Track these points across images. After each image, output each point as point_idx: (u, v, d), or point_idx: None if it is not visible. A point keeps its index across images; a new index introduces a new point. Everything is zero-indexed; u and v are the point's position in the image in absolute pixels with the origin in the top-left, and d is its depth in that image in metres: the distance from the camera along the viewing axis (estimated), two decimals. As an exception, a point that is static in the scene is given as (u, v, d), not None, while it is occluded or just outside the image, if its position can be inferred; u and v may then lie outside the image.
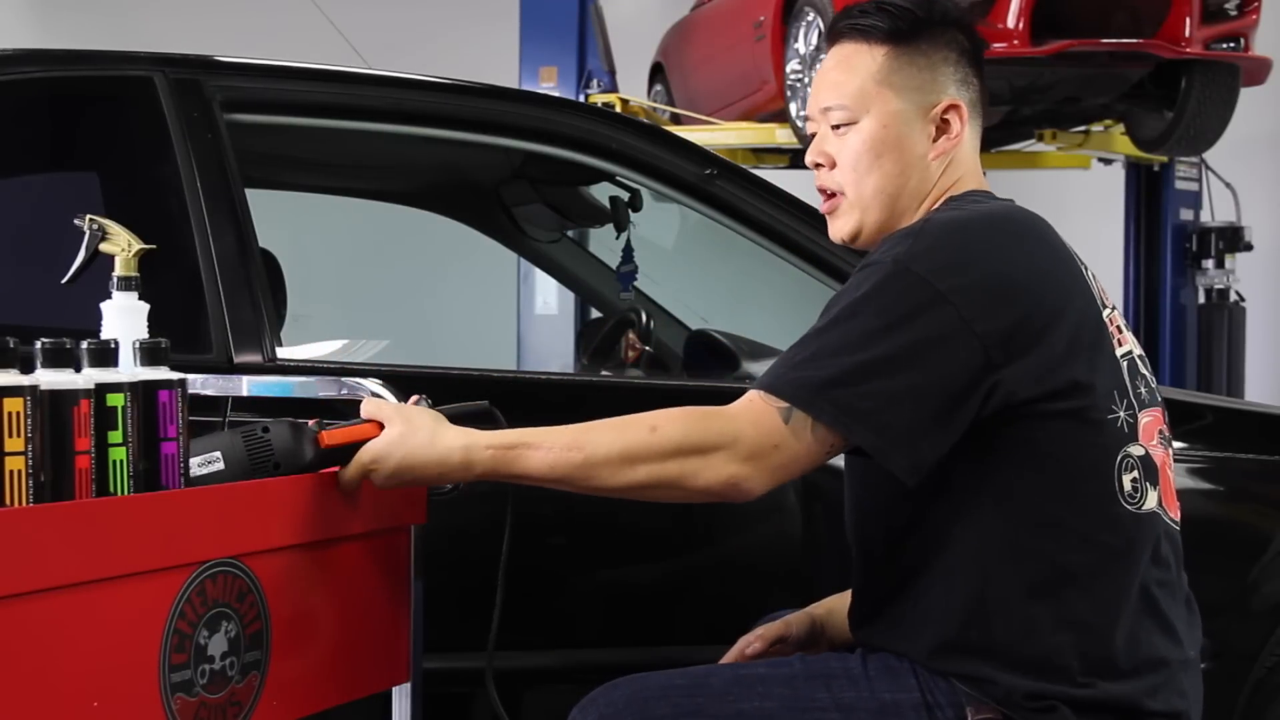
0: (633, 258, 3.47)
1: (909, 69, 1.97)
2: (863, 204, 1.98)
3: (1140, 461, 1.86)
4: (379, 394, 2.03)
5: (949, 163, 1.98)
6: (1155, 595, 1.85)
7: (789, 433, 1.78)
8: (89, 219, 1.93)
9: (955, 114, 1.97)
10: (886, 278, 1.81)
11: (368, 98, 2.71)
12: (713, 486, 1.79)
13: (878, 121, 1.97)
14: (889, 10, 2.00)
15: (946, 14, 2.01)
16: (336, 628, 1.88)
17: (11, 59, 2.50)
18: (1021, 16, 5.76)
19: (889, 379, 1.77)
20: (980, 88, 2.02)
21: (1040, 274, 1.84)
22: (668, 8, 8.86)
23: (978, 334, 1.78)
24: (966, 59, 2.00)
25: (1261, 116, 7.89)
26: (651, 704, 1.85)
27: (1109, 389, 1.84)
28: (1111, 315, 1.91)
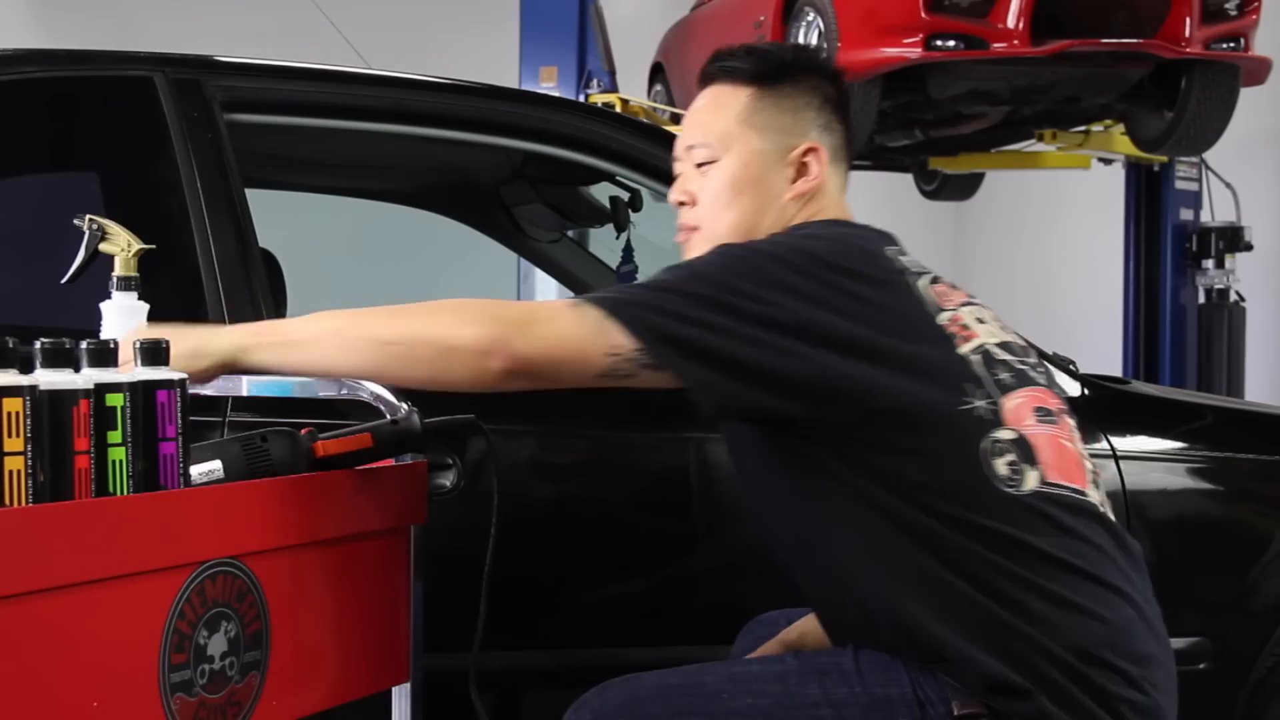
0: (633, 258, 3.47)
1: (772, 111, 2.06)
2: (716, 238, 2.04)
3: (1013, 444, 1.87)
4: (380, 394, 2.03)
5: (807, 202, 2.05)
6: (1072, 563, 1.84)
7: (571, 313, 1.82)
8: (89, 219, 1.93)
9: (815, 157, 2.05)
10: (712, 253, 1.90)
11: (368, 98, 2.72)
12: (475, 339, 1.79)
13: (739, 160, 2.06)
14: (756, 54, 2.10)
15: (812, 61, 2.11)
16: (336, 628, 1.89)
17: (11, 59, 2.50)
18: (1021, 16, 5.76)
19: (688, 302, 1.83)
20: (844, 134, 2.10)
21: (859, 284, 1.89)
22: (668, 8, 8.87)
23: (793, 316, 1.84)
24: (830, 106, 2.08)
25: (1261, 116, 7.89)
26: (645, 704, 1.86)
27: (956, 384, 1.87)
28: (955, 315, 1.93)
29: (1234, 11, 6.01)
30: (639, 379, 1.85)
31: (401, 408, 1.98)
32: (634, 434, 2.56)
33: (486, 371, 1.79)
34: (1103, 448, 2.68)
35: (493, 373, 1.79)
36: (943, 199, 8.51)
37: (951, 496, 1.84)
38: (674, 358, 1.83)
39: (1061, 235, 10.39)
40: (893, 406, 1.84)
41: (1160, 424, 2.82)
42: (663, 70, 8.38)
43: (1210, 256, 7.80)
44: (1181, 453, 2.80)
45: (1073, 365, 2.84)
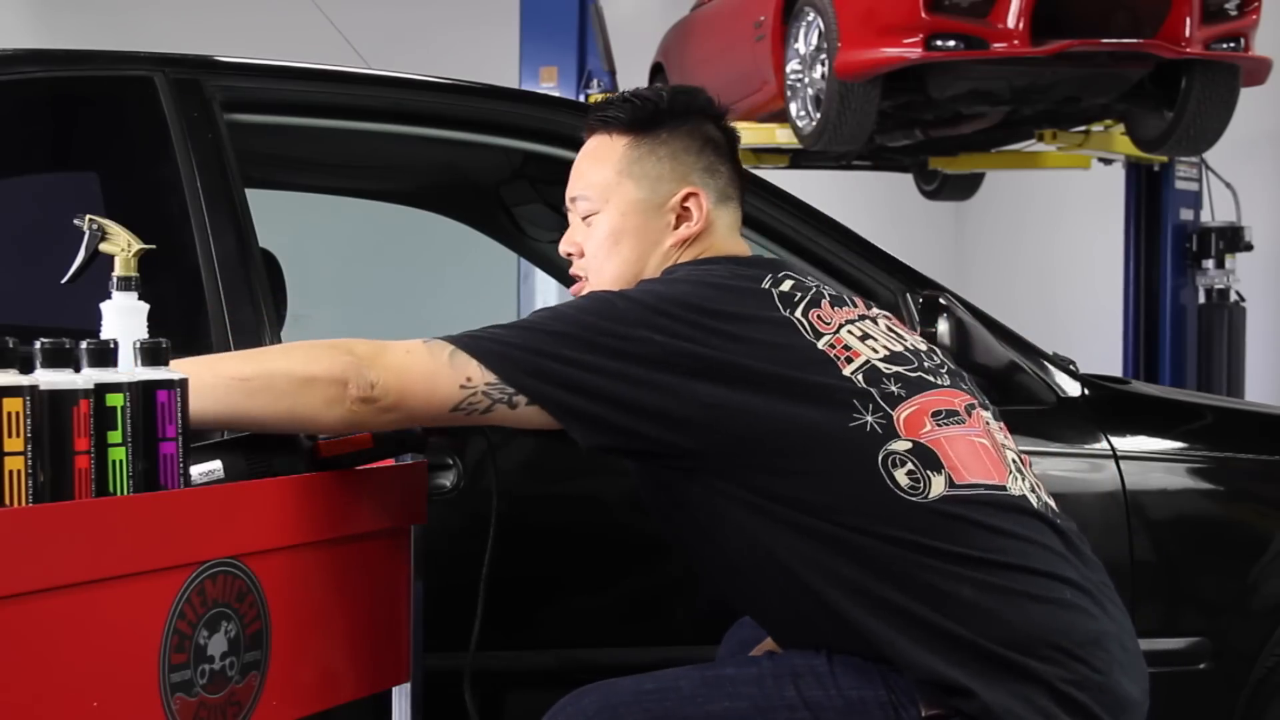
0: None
1: (649, 159, 2.07)
2: (602, 287, 2.06)
3: (911, 454, 1.86)
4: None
5: (689, 246, 2.06)
6: (994, 559, 1.84)
7: (424, 346, 1.84)
8: (89, 219, 1.93)
9: (695, 202, 2.05)
10: (579, 298, 1.93)
11: (368, 98, 2.72)
12: (330, 368, 1.78)
13: (617, 211, 2.08)
14: (631, 101, 2.11)
15: (690, 104, 2.10)
16: (336, 628, 1.89)
17: (11, 59, 2.50)
18: (1021, 16, 5.76)
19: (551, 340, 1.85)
20: (730, 173, 2.10)
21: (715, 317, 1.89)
22: (668, 8, 8.87)
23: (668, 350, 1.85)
24: (712, 148, 2.08)
25: (1261, 116, 7.89)
26: (621, 710, 1.87)
27: (843, 402, 1.87)
28: (836, 338, 1.93)
29: (1234, 11, 6.01)
30: (494, 415, 1.86)
31: None
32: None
33: (343, 399, 1.79)
34: (1103, 448, 2.67)
35: (349, 399, 1.79)
36: (943, 199, 8.51)
37: (857, 512, 1.84)
38: (538, 388, 1.84)
39: (1061, 235, 10.39)
40: (776, 430, 1.85)
41: (1160, 424, 2.82)
42: (663, 70, 8.38)
43: (1210, 256, 7.80)
44: (1181, 453, 2.80)
45: (1073, 365, 2.84)
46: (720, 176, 2.09)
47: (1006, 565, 1.84)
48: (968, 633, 1.81)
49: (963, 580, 1.83)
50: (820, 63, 6.23)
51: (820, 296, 1.98)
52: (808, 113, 6.40)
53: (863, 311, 2.01)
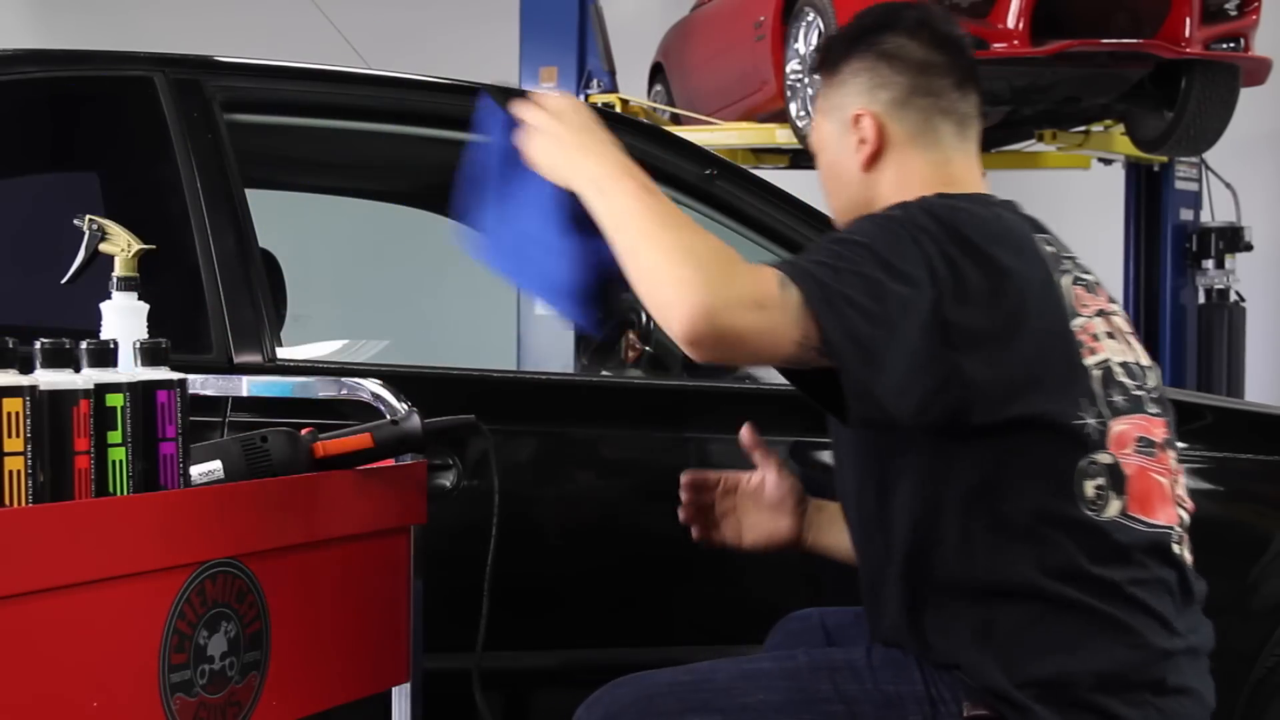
0: (633, 258, 3.46)
1: (831, 93, 2.05)
2: (837, 217, 2.06)
3: (1107, 469, 1.84)
4: (380, 394, 2.03)
5: (893, 170, 1.99)
6: (1131, 594, 1.83)
7: (780, 295, 1.72)
8: (89, 219, 1.93)
9: (866, 121, 1.99)
10: (882, 215, 1.83)
11: (368, 98, 2.72)
12: (672, 312, 1.74)
13: (819, 148, 2.07)
14: (823, 42, 2.06)
15: (863, 28, 2.04)
16: (336, 628, 1.89)
17: (11, 59, 2.50)
18: (1021, 16, 5.76)
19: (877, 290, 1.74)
20: (907, 84, 1.99)
21: (1004, 273, 1.81)
22: (668, 8, 8.86)
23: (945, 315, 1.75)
24: (886, 61, 2.00)
25: (1261, 116, 7.89)
26: (656, 700, 1.86)
27: (1073, 396, 1.83)
28: (1088, 324, 1.88)
29: (1234, 11, 6.01)
30: (812, 363, 1.77)
31: (401, 408, 1.98)
32: (633, 434, 2.56)
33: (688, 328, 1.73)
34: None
35: (693, 331, 1.73)
36: (943, 199, 8.50)
37: (1032, 503, 1.81)
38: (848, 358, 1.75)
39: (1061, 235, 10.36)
40: (1021, 407, 1.80)
41: (1160, 424, 2.82)
42: (663, 70, 8.38)
43: (1210, 256, 7.79)
44: (1181, 453, 2.80)
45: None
46: (893, 86, 1.99)
47: (1132, 602, 1.83)
48: (1061, 657, 1.80)
49: (1088, 607, 1.81)
50: (820, 63, 6.23)
51: (1080, 272, 1.94)
52: (808, 113, 6.40)
53: (1104, 305, 1.95)
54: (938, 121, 2.00)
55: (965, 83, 2.02)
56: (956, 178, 1.99)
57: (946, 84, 2.01)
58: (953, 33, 2.04)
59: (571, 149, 1.85)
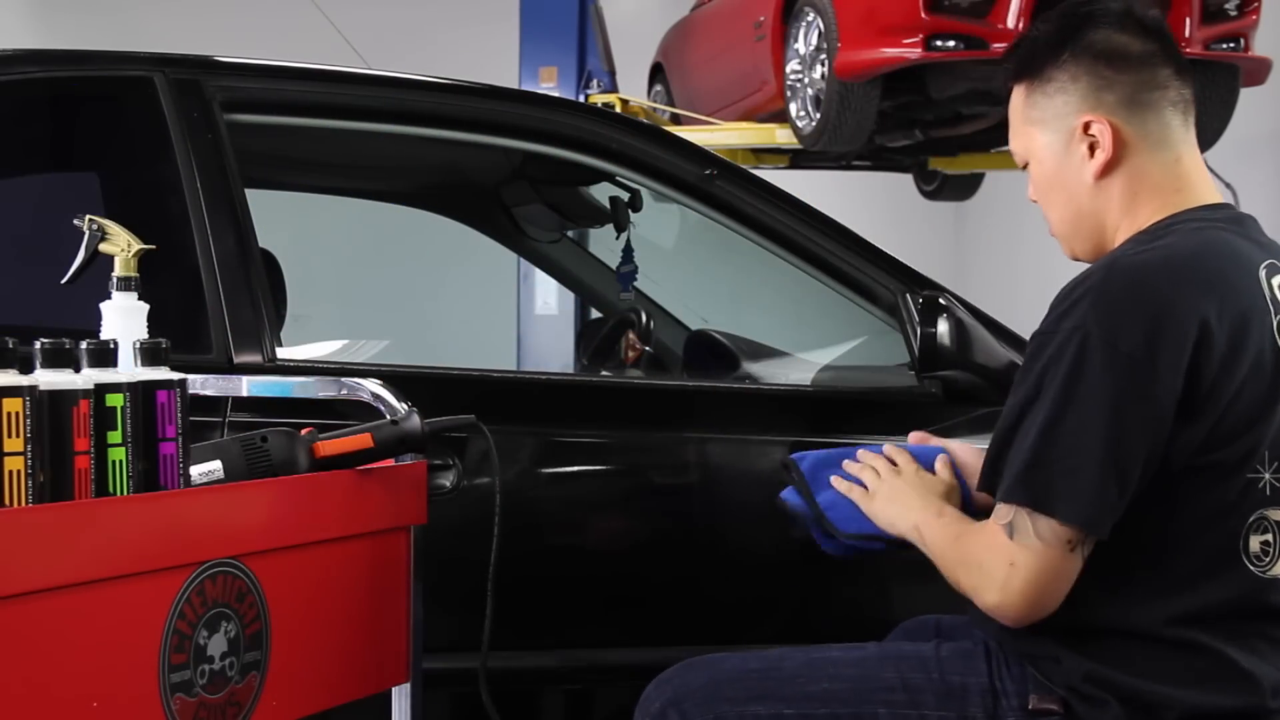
0: (633, 258, 3.47)
1: (1042, 101, 1.97)
2: (1061, 236, 2.00)
3: (1277, 525, 1.81)
4: (380, 394, 2.03)
5: (1125, 178, 1.92)
6: (1254, 644, 1.82)
7: (1017, 546, 1.77)
8: (89, 219, 1.93)
9: (1098, 128, 1.91)
10: (1075, 351, 1.77)
11: (368, 98, 2.71)
12: (986, 610, 1.81)
13: (1036, 160, 1.99)
14: (1016, 46, 2.03)
15: (1069, 31, 1.95)
16: (336, 628, 1.89)
17: (11, 59, 2.50)
18: (1021, 16, 5.76)
19: (1078, 449, 1.75)
20: (1138, 77, 1.90)
21: (1217, 332, 1.77)
22: (668, 8, 8.86)
23: (1156, 395, 1.75)
24: (1104, 61, 1.91)
25: (1261, 116, 7.88)
26: (724, 687, 1.90)
27: (1259, 447, 1.80)
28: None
29: (1234, 12, 6.01)
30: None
31: (401, 408, 1.98)
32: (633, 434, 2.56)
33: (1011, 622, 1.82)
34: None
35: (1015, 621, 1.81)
36: (943, 199, 8.50)
37: (1191, 563, 1.80)
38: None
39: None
40: (1193, 458, 1.79)
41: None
42: (663, 70, 8.37)
43: (1210, 256, 7.79)
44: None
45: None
46: (1119, 86, 1.90)
47: (1257, 651, 1.81)
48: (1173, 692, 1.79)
49: (1215, 651, 1.80)
50: (820, 63, 6.23)
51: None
52: (808, 113, 6.40)
53: None
54: (1168, 115, 1.92)
55: (1182, 69, 1.94)
56: (1186, 180, 1.93)
57: (1168, 73, 1.92)
58: (1158, 19, 1.97)
59: (905, 502, 1.97)
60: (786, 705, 1.88)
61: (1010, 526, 1.77)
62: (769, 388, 2.99)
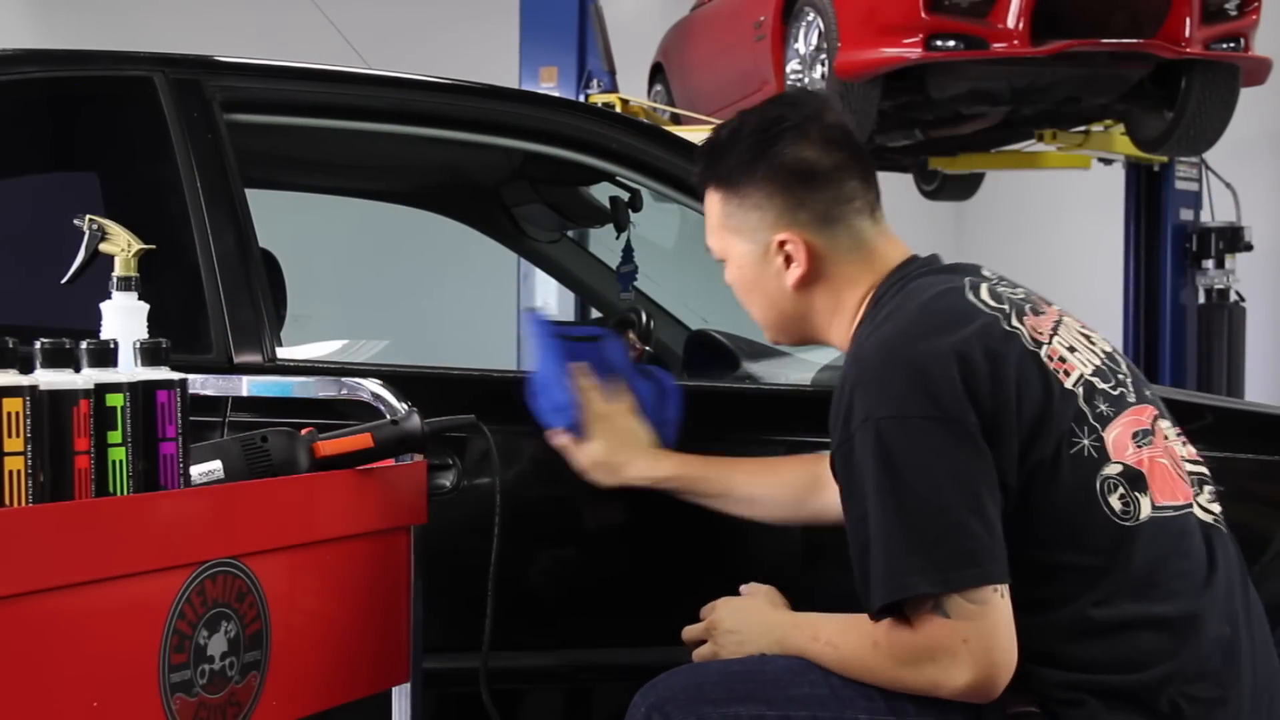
0: (633, 258, 3.47)
1: (738, 213, 2.05)
2: (765, 329, 2.10)
3: (1121, 478, 1.88)
4: (380, 394, 2.03)
5: (825, 283, 2.03)
6: (1173, 589, 1.87)
7: (959, 623, 1.80)
8: (89, 219, 1.93)
9: (792, 246, 2.01)
10: (873, 441, 1.83)
11: (368, 98, 2.71)
12: (959, 696, 1.83)
13: (735, 264, 2.09)
14: (708, 153, 2.09)
15: (763, 146, 2.02)
16: (336, 628, 1.89)
17: (11, 59, 2.50)
18: (1021, 16, 5.76)
19: (943, 514, 1.80)
20: (831, 193, 2.00)
21: (973, 357, 1.85)
22: (668, 8, 8.86)
23: (965, 435, 1.82)
24: (797, 180, 2.00)
25: (1261, 116, 7.89)
26: (706, 689, 1.92)
27: (1066, 426, 1.87)
28: (1051, 349, 1.92)
29: (1234, 11, 6.00)
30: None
31: (401, 408, 1.98)
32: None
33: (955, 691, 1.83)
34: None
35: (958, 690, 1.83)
36: (943, 199, 8.51)
37: (1069, 539, 1.85)
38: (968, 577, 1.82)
39: (1062, 235, 10.39)
40: (1020, 467, 1.85)
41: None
42: (663, 70, 8.37)
43: (1210, 256, 7.79)
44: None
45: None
46: (811, 205, 2.01)
47: (1172, 594, 1.87)
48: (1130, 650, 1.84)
49: (1130, 607, 1.85)
50: (820, 63, 6.23)
51: (1025, 300, 1.97)
52: (808, 113, 6.39)
53: (1057, 315, 1.99)
54: (856, 223, 2.03)
55: (867, 171, 2.05)
56: (880, 260, 2.04)
57: (855, 184, 2.03)
58: (840, 122, 2.05)
59: (760, 635, 2.04)
60: (769, 707, 1.90)
61: (940, 609, 1.80)
62: (769, 387, 2.98)
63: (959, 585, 1.79)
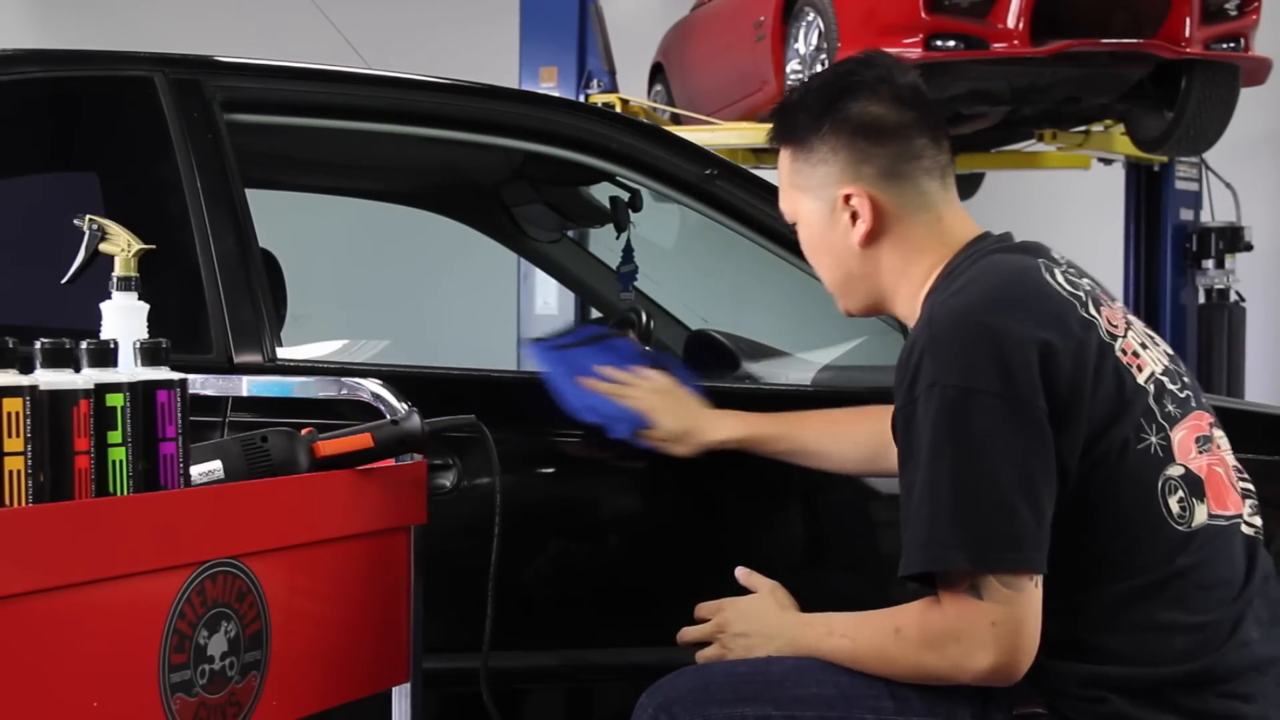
0: (633, 258, 3.46)
1: (806, 169, 2.03)
2: (836, 294, 2.08)
3: (1182, 480, 1.87)
4: (380, 394, 2.03)
5: (891, 244, 1.99)
6: (1218, 597, 1.87)
7: (991, 604, 1.79)
8: (89, 219, 1.93)
9: (858, 201, 1.98)
10: (936, 409, 1.81)
11: (368, 98, 2.71)
12: (979, 679, 1.82)
13: (804, 224, 2.06)
14: (779, 111, 2.06)
15: (830, 98, 2.00)
16: (336, 628, 1.89)
17: (11, 59, 2.50)
18: (1021, 16, 5.76)
19: (996, 495, 1.78)
20: (896, 147, 1.98)
21: (1057, 344, 1.83)
22: (668, 8, 8.86)
23: (1032, 419, 1.79)
24: (862, 134, 1.98)
25: (1261, 116, 7.89)
26: (713, 689, 1.92)
27: (1136, 421, 1.85)
28: (1126, 343, 1.90)
29: (1234, 11, 6.01)
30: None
31: (402, 408, 1.98)
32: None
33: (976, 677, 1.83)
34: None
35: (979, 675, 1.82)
36: (943, 199, 8.50)
37: (1124, 539, 1.84)
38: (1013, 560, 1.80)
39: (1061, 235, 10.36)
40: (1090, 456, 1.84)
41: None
42: (663, 70, 8.37)
43: (1210, 256, 7.79)
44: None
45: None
46: (876, 159, 1.98)
47: (1210, 601, 1.86)
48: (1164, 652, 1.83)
49: (1168, 607, 1.84)
50: (820, 63, 6.23)
51: (1096, 290, 1.95)
52: (808, 113, 6.39)
53: (1125, 310, 1.98)
54: (924, 182, 2.00)
55: (938, 132, 2.02)
56: (950, 232, 2.00)
57: (924, 142, 2.00)
58: (912, 81, 2.03)
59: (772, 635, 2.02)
60: (775, 708, 1.89)
61: (974, 589, 1.79)
62: (769, 387, 2.98)
63: (997, 567, 1.77)
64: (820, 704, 1.89)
